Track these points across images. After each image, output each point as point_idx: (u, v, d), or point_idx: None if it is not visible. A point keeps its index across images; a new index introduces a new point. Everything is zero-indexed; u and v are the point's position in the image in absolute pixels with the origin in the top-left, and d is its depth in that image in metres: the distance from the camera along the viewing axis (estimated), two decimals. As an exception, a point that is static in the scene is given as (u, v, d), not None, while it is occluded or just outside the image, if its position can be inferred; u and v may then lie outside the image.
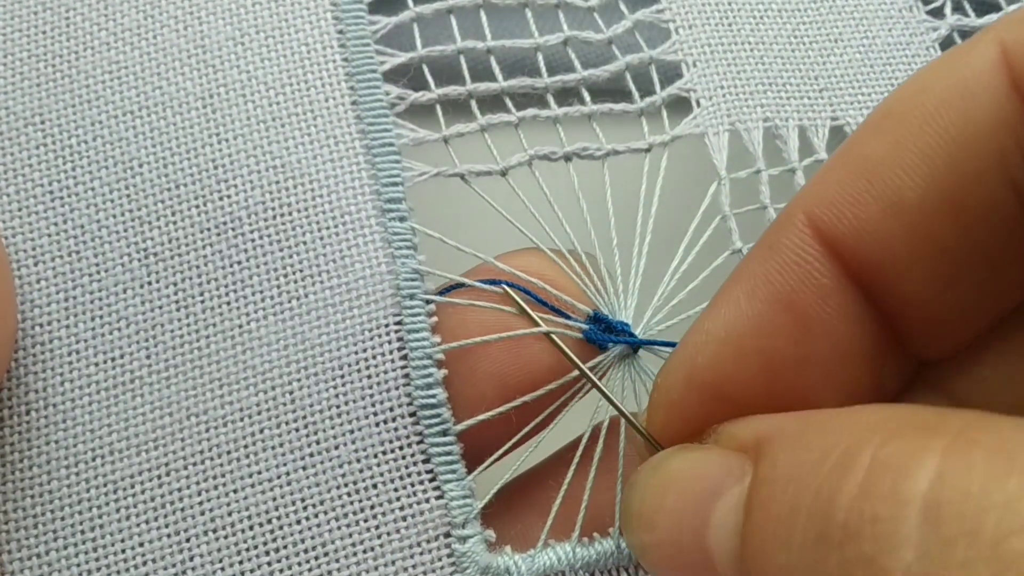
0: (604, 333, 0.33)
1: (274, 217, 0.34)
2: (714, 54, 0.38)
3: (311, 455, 0.32)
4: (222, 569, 0.30)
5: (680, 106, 0.37)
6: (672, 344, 0.31)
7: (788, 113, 0.38)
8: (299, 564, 0.31)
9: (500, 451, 0.32)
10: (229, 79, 0.35)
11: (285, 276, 0.33)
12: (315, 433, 0.32)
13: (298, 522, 0.31)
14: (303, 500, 0.31)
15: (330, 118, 0.35)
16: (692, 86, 0.37)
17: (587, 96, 0.37)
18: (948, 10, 0.40)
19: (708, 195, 0.36)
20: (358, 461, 0.32)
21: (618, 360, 0.34)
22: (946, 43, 0.40)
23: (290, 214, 0.34)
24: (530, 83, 0.36)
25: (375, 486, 0.32)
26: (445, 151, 0.35)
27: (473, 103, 0.36)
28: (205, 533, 0.31)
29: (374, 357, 0.32)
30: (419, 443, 0.32)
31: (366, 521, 0.31)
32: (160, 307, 0.32)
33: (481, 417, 0.32)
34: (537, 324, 0.32)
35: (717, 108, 0.37)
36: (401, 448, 0.32)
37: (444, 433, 0.32)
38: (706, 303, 0.28)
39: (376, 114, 0.35)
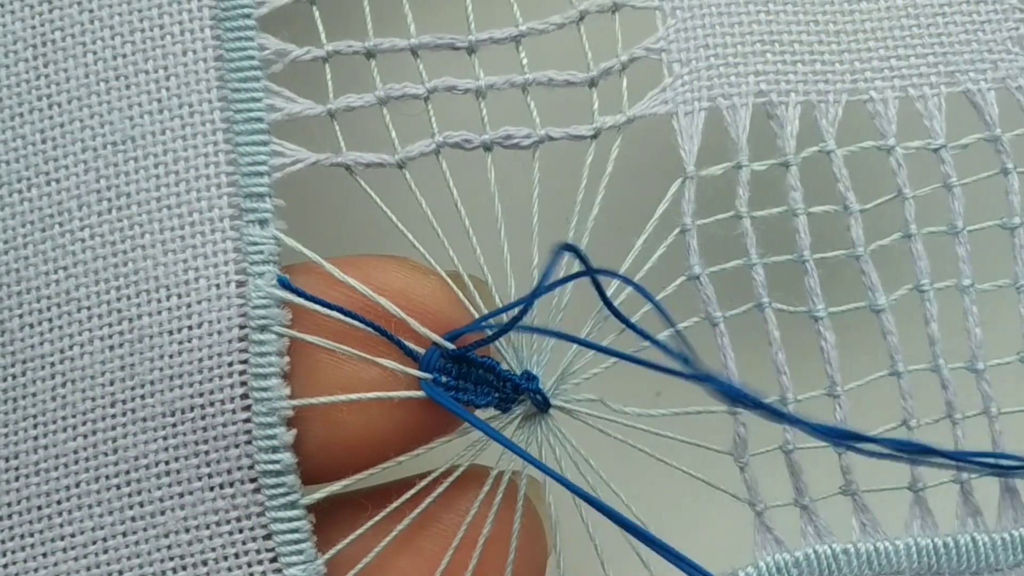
0: (474, 387, 0.26)
1: (109, 210, 0.27)
2: (701, -1, 0.29)
3: (132, 519, 0.26)
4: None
5: (642, 74, 0.28)
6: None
7: (792, 83, 0.29)
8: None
9: (361, 529, 0.26)
10: (67, 19, 0.28)
11: (117, 290, 0.27)
12: (139, 493, 0.26)
13: None
14: (120, 573, 0.26)
15: (187, 78, 0.28)
16: (666, 45, 0.29)
17: (524, 59, 0.28)
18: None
19: (666, 199, 0.28)
20: (187, 531, 0.26)
21: (522, 421, 0.27)
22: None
23: (128, 207, 0.27)
24: (449, 40, 0.28)
25: (204, 563, 0.26)
26: (330, 129, 0.28)
27: (373, 65, 0.28)
28: (2, 607, 0.26)
29: (211, 405, 0.26)
30: (259, 515, 0.26)
31: (189, 607, 0.26)
32: (-37, 322, 0.27)
33: (334, 487, 0.26)
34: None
35: (696, 76, 0.28)
36: (239, 520, 0.26)
37: (290, 506, 0.26)
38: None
39: (243, 76, 0.27)
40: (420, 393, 0.26)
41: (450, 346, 0.26)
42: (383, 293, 0.26)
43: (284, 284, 0.26)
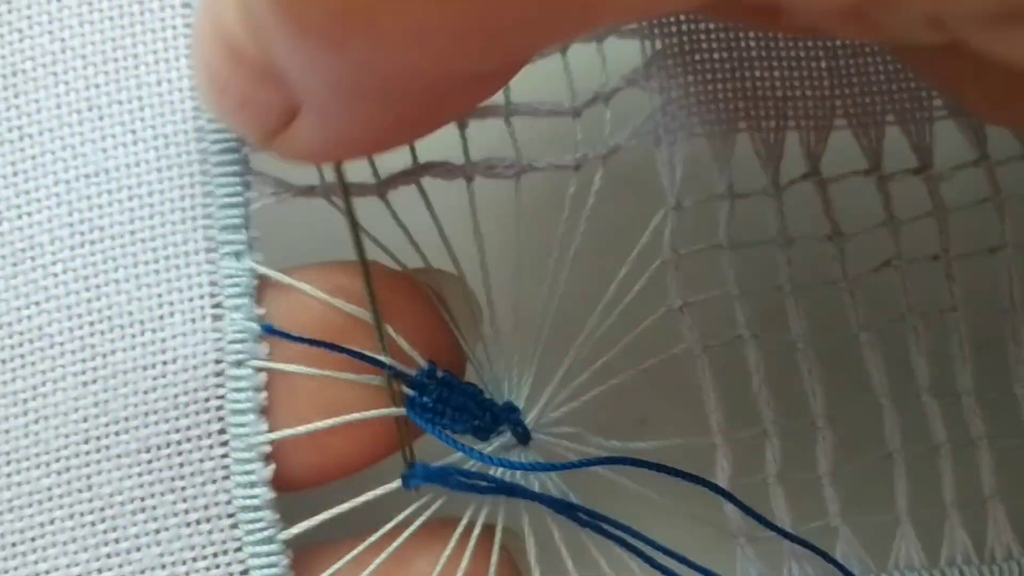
0: (453, 412, 0.26)
1: (82, 244, 0.27)
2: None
3: (108, 556, 0.26)
4: None
5: (626, 103, 0.28)
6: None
7: (790, 111, 0.28)
8: None
9: (339, 563, 0.26)
10: (38, 49, 0.27)
11: (91, 325, 0.26)
12: (114, 530, 0.26)
13: None
14: (95, 611, 0.26)
15: (161, 108, 0.27)
16: (652, 72, 0.28)
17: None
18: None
19: (649, 229, 0.27)
20: (163, 568, 0.26)
21: (502, 452, 0.27)
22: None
23: (101, 241, 0.27)
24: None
25: (181, 602, 0.26)
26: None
27: (350, 92, 0.28)
28: (-25, 647, 0.26)
29: (187, 441, 0.26)
30: (237, 551, 0.26)
31: (165, 646, 0.26)
32: (-64, 357, 0.26)
33: (312, 522, 0.26)
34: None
35: (679, 105, 0.28)
36: (215, 556, 0.26)
37: (268, 541, 0.26)
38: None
39: (219, 106, 0.27)
40: (399, 411, 0.26)
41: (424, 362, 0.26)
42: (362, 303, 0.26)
43: (270, 330, 0.26)
